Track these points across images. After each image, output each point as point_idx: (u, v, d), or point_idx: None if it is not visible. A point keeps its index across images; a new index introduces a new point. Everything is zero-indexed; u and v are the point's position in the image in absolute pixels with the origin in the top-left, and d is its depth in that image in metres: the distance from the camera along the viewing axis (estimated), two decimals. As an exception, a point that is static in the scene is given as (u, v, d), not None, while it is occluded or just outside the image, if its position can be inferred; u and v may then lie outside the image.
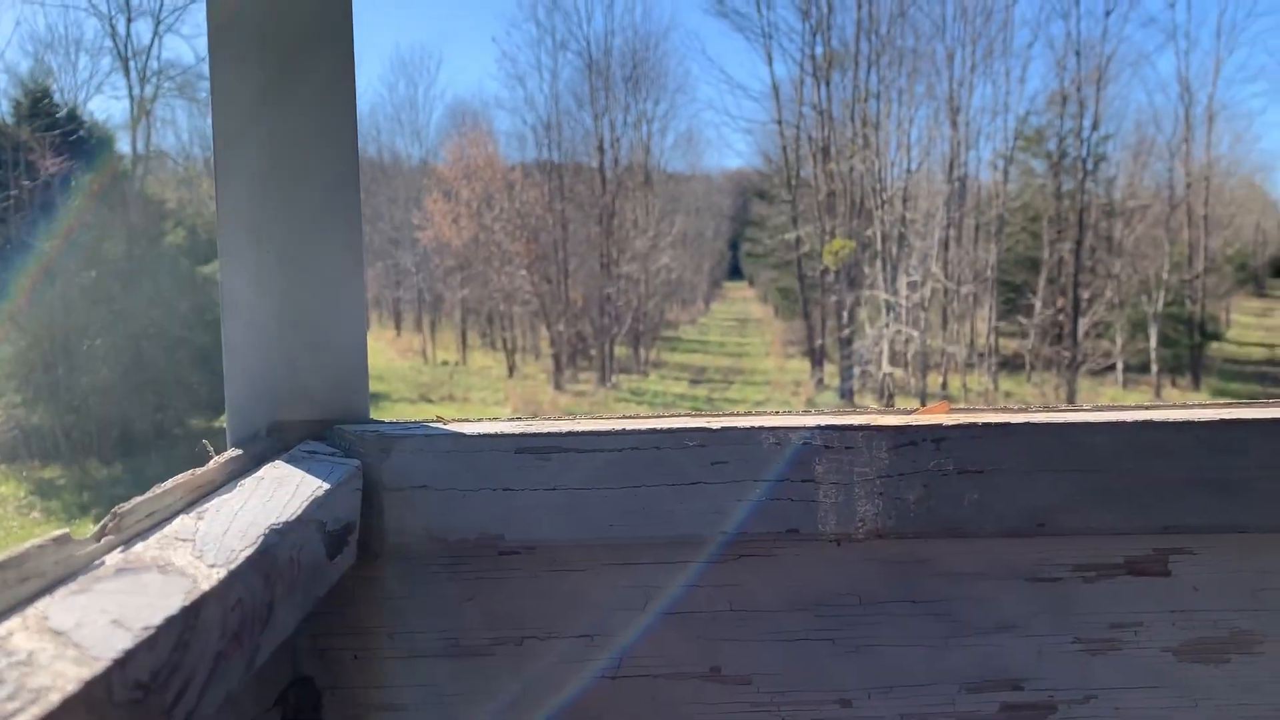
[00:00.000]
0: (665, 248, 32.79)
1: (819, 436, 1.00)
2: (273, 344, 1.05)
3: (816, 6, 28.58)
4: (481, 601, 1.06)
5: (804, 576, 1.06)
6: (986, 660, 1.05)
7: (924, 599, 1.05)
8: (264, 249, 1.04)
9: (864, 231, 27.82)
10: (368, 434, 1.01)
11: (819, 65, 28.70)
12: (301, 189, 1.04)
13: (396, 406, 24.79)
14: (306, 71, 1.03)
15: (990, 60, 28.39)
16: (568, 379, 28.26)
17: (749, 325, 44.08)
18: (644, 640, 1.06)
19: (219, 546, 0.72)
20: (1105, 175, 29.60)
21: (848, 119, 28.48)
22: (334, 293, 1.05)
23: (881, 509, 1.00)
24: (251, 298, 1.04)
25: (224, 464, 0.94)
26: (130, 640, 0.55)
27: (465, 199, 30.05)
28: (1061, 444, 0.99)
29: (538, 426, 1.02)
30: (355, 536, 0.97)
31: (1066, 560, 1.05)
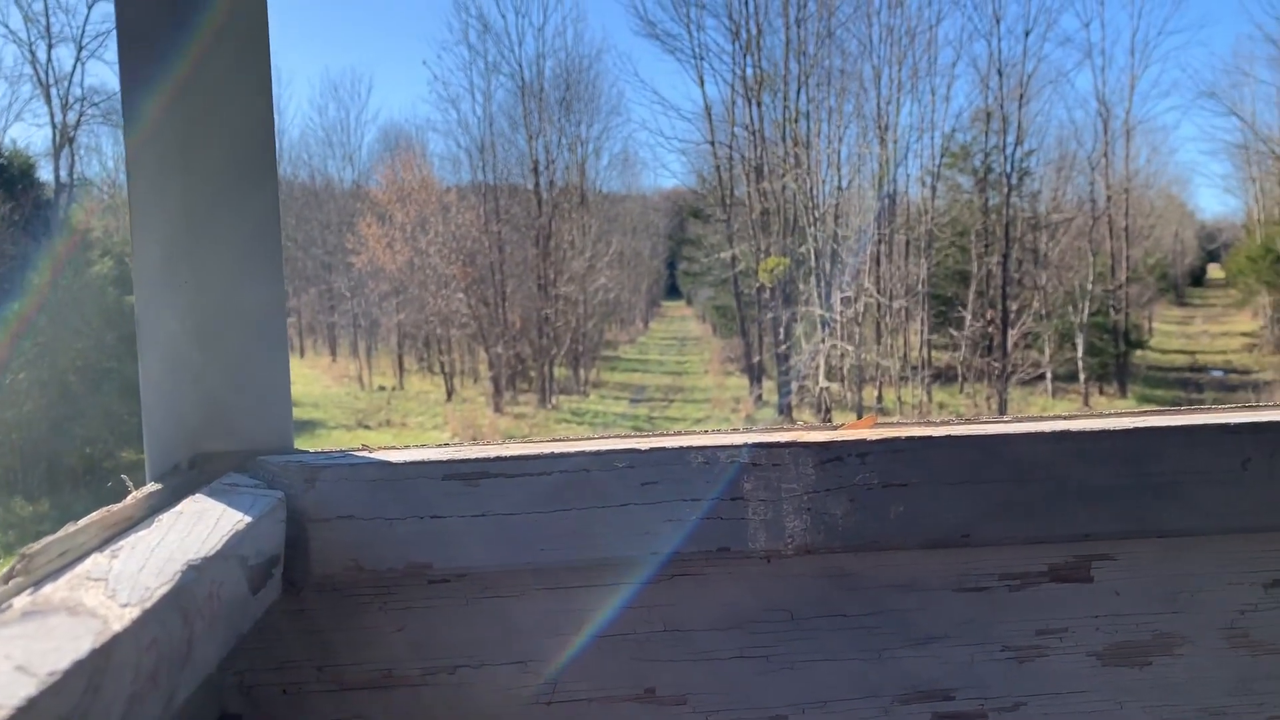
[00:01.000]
0: (602, 268, 32.82)
1: (747, 454, 1.00)
2: (192, 376, 1.03)
3: (746, 29, 28.96)
4: (412, 631, 1.04)
5: (736, 595, 1.06)
6: (918, 672, 1.07)
7: (855, 613, 1.06)
8: (181, 279, 1.02)
9: (798, 249, 28.15)
10: (291, 464, 1.00)
11: (750, 86, 29.05)
12: (220, 218, 1.02)
13: (333, 434, 24.40)
14: (224, 107, 1.02)
15: (916, 79, 29.00)
16: (507, 401, 28.08)
17: (688, 343, 44.25)
18: (578, 664, 1.06)
19: (133, 585, 0.70)
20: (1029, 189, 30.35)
21: (779, 138, 28.85)
22: (254, 323, 1.04)
23: (809, 524, 1.01)
24: (169, 329, 1.02)
25: (142, 499, 0.92)
26: (35, 687, 0.54)
27: (400, 222, 29.81)
28: (983, 455, 1.01)
29: (465, 453, 1.02)
30: (280, 570, 0.95)
31: (992, 569, 1.07)
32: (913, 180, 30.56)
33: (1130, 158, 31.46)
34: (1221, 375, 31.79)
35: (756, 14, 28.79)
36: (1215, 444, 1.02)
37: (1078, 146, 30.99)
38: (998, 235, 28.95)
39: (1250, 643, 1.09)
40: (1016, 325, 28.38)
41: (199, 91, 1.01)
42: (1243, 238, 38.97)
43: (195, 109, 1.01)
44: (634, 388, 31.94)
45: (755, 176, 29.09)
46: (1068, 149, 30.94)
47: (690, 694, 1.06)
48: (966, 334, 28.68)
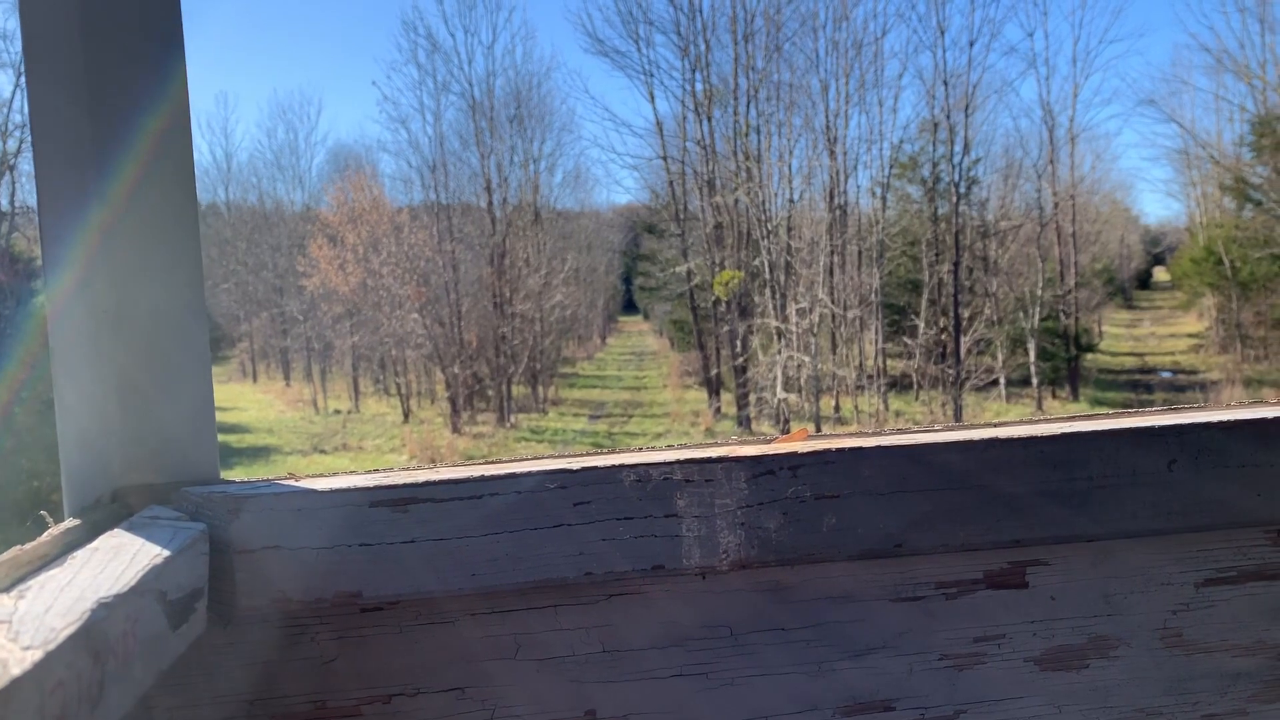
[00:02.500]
0: (558, 285, 32.80)
1: (679, 471, 1.00)
2: (111, 408, 1.00)
3: (694, 45, 29.18)
4: (346, 661, 1.03)
5: (673, 612, 1.05)
6: (859, 682, 1.07)
7: (792, 625, 1.06)
8: (96, 312, 0.99)
9: (752, 261, 28.33)
10: (215, 495, 0.97)
11: (700, 101, 29.25)
12: (134, 247, 1.00)
13: (289, 459, 24.09)
14: (135, 128, 1.00)
15: (864, 91, 29.38)
16: (465, 421, 27.91)
17: (646, 358, 44.33)
18: (517, 688, 1.04)
19: (38, 626, 0.68)
20: (978, 198, 30.85)
21: (730, 152, 29.06)
22: (176, 351, 1.01)
23: (744, 539, 1.00)
24: (85, 360, 0.99)
25: (59, 536, 0.89)
26: None
27: (351, 244, 29.58)
28: (913, 465, 1.01)
29: (393, 479, 1.00)
30: (203, 603, 0.93)
31: (928, 578, 1.07)
32: (863, 191, 31.01)
33: (1075, 165, 32.09)
34: (1170, 376, 32.42)
35: (704, 30, 29.04)
36: (1140, 447, 1.03)
37: (1024, 154, 31.59)
38: (948, 244, 29.36)
39: (1184, 642, 1.10)
40: (969, 332, 28.76)
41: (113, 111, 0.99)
42: (1186, 241, 39.84)
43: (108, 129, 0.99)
44: (593, 404, 31.90)
45: (708, 191, 29.26)
46: (1014, 157, 31.52)
47: (631, 714, 1.05)
48: (920, 342, 29.01)
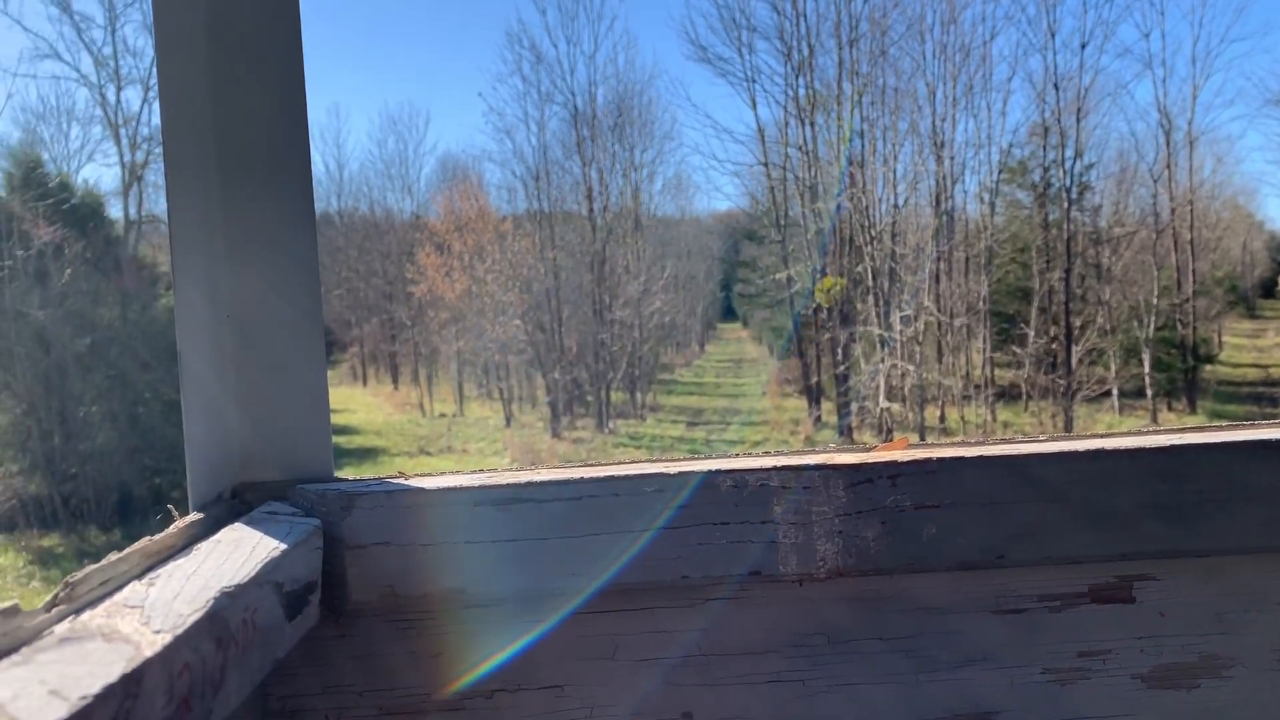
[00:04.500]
0: (657, 291, 32.89)
1: (776, 478, 1.00)
2: (233, 408, 1.06)
3: (798, 50, 28.96)
4: (450, 656, 1.06)
5: (770, 618, 1.06)
6: (957, 694, 1.05)
7: (890, 635, 1.05)
8: (220, 318, 1.05)
9: (855, 268, 27.96)
10: (329, 492, 1.02)
11: (802, 107, 29.01)
12: (257, 255, 1.05)
13: (396, 460, 24.69)
14: (258, 141, 1.05)
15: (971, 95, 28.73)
16: (565, 426, 28.20)
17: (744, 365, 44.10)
18: (614, 688, 1.06)
19: (167, 612, 0.72)
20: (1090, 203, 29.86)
21: (833, 158, 28.75)
22: (293, 355, 1.06)
23: (841, 547, 1.00)
24: (209, 364, 1.05)
25: (184, 528, 0.94)
26: (67, 710, 0.56)
27: (457, 251, 30.20)
28: (1016, 476, 1.00)
29: (497, 479, 1.03)
30: (317, 596, 0.97)
31: (1030, 590, 1.05)
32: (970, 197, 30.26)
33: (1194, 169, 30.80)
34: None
35: (809, 35, 28.80)
36: (1255, 460, 1.00)
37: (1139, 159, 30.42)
38: (1059, 250, 28.48)
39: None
40: (1080, 341, 27.84)
41: (236, 129, 1.04)
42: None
43: (232, 145, 1.04)
44: (691, 411, 31.89)
45: (810, 197, 29.00)
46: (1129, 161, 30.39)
47: (728, 718, 1.06)
48: (1030, 351, 28.20)
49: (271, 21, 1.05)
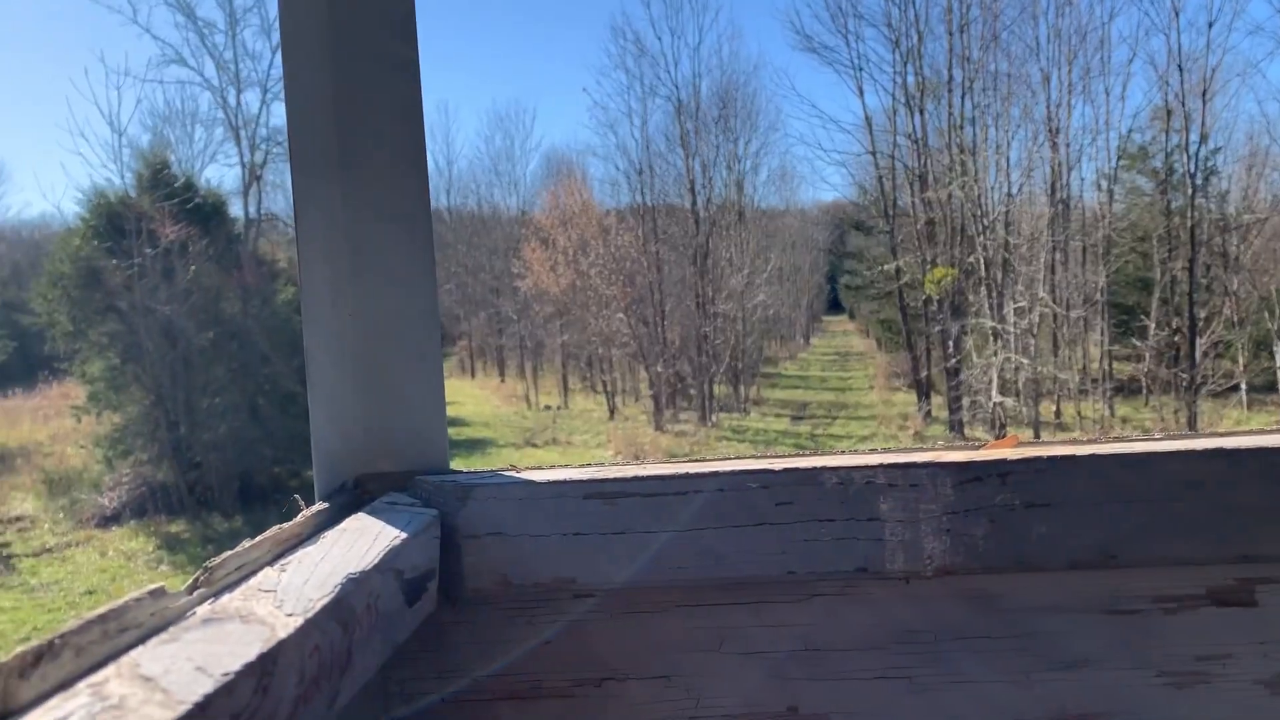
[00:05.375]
0: (761, 284, 32.69)
1: (882, 475, 1.00)
2: (355, 402, 1.10)
3: (906, 37, 28.38)
4: (561, 644, 1.09)
5: (877, 614, 1.06)
6: (1066, 695, 1.04)
7: (999, 634, 1.04)
8: (343, 313, 1.10)
9: (966, 259, 27.29)
10: (446, 484, 1.06)
11: (911, 95, 28.43)
12: (377, 254, 1.10)
13: (503, 452, 25.13)
14: (378, 144, 1.10)
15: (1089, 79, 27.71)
16: (668, 419, 28.27)
17: (851, 359, 43.54)
18: (721, 680, 1.07)
19: (298, 596, 0.77)
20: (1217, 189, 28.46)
21: (943, 146, 28.10)
22: (411, 351, 1.11)
23: (949, 545, 1.00)
24: (333, 360, 1.10)
25: (310, 517, 0.99)
26: (211, 685, 0.60)
27: (562, 246, 30.53)
28: (1130, 474, 0.98)
29: (605, 473, 1.05)
30: (434, 584, 1.01)
31: (1144, 592, 1.03)
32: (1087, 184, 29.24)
33: (1332, 151, 29.07)
34: None
35: (917, 22, 28.19)
36: None
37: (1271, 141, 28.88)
38: (1182, 239, 27.27)
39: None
40: (1206, 334, 26.62)
41: (357, 132, 1.09)
42: None
43: (353, 149, 1.09)
44: (795, 405, 31.63)
45: (919, 186, 28.42)
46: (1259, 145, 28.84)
47: (832, 713, 1.06)
48: (1151, 344, 27.10)
49: (390, 28, 1.09)
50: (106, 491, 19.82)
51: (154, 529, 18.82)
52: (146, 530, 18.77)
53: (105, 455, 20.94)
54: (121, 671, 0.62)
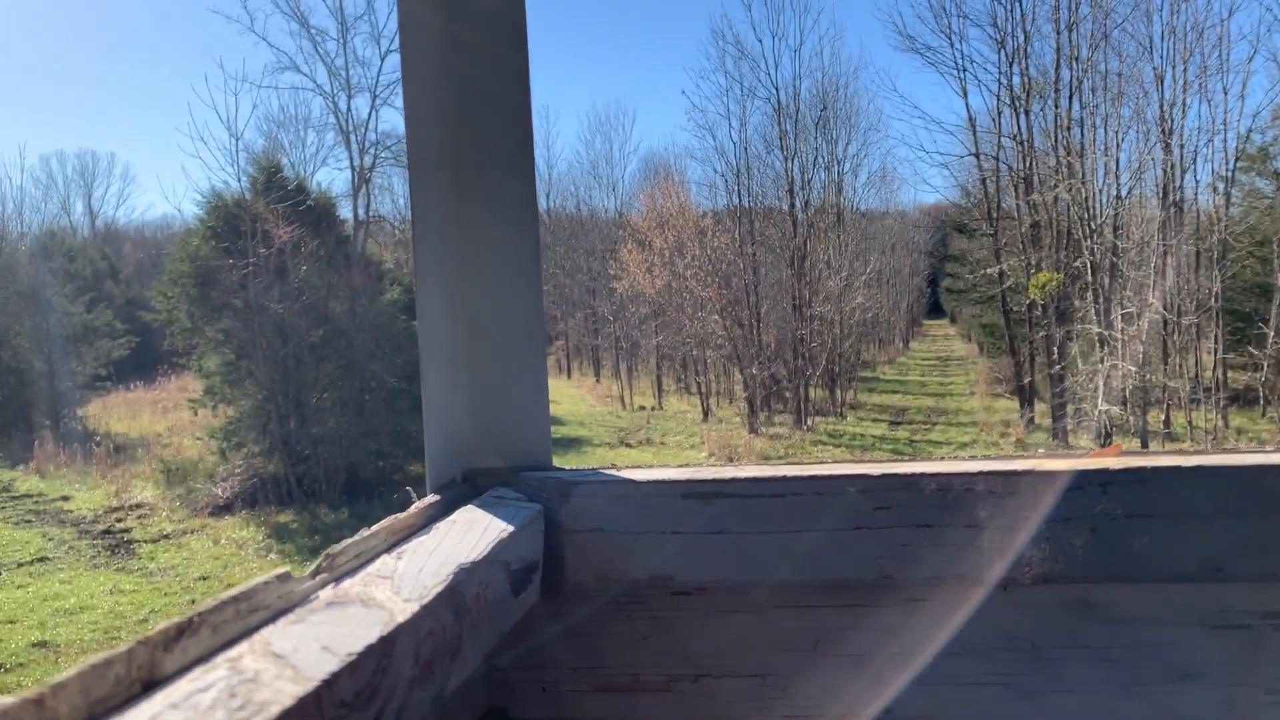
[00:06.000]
0: (860, 287, 32.25)
1: (982, 482, 1.01)
2: (464, 401, 1.15)
3: (1012, 37, 27.68)
4: (658, 639, 1.12)
5: (974, 621, 1.06)
6: (1167, 710, 1.02)
7: (1098, 645, 1.03)
8: (455, 316, 1.15)
9: (1072, 263, 26.47)
10: (549, 480, 1.10)
11: (1016, 95, 27.71)
12: (487, 260, 1.14)
13: (597, 451, 25.32)
14: (489, 153, 1.14)
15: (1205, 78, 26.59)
16: (763, 422, 28.10)
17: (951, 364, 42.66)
18: (815, 681, 1.09)
19: (414, 583, 0.81)
20: (1345, 191, 27.04)
21: (1050, 148, 27.32)
22: (517, 354, 1.15)
23: (1048, 554, 0.99)
24: (445, 361, 1.15)
25: (423, 509, 1.04)
26: (337, 664, 0.64)
27: (658, 248, 30.61)
28: (1238, 487, 0.96)
29: (702, 474, 1.08)
30: (539, 575, 1.05)
31: (1253, 606, 1.01)
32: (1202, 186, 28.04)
33: None
34: None
35: (1024, 21, 27.48)
36: None
37: (1407, 139, 27.30)
38: (1306, 243, 25.97)
39: None
40: (1332, 342, 25.31)
41: (470, 142, 1.14)
42: None
43: (467, 162, 1.14)
44: (893, 409, 31.12)
45: (1024, 188, 27.69)
46: (1394, 143, 27.31)
47: (927, 718, 1.07)
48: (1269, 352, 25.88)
49: (502, 40, 1.14)
50: (220, 482, 20.61)
51: (264, 519, 19.50)
52: (257, 520, 19.45)
53: (220, 447, 21.79)
54: (254, 648, 0.67)
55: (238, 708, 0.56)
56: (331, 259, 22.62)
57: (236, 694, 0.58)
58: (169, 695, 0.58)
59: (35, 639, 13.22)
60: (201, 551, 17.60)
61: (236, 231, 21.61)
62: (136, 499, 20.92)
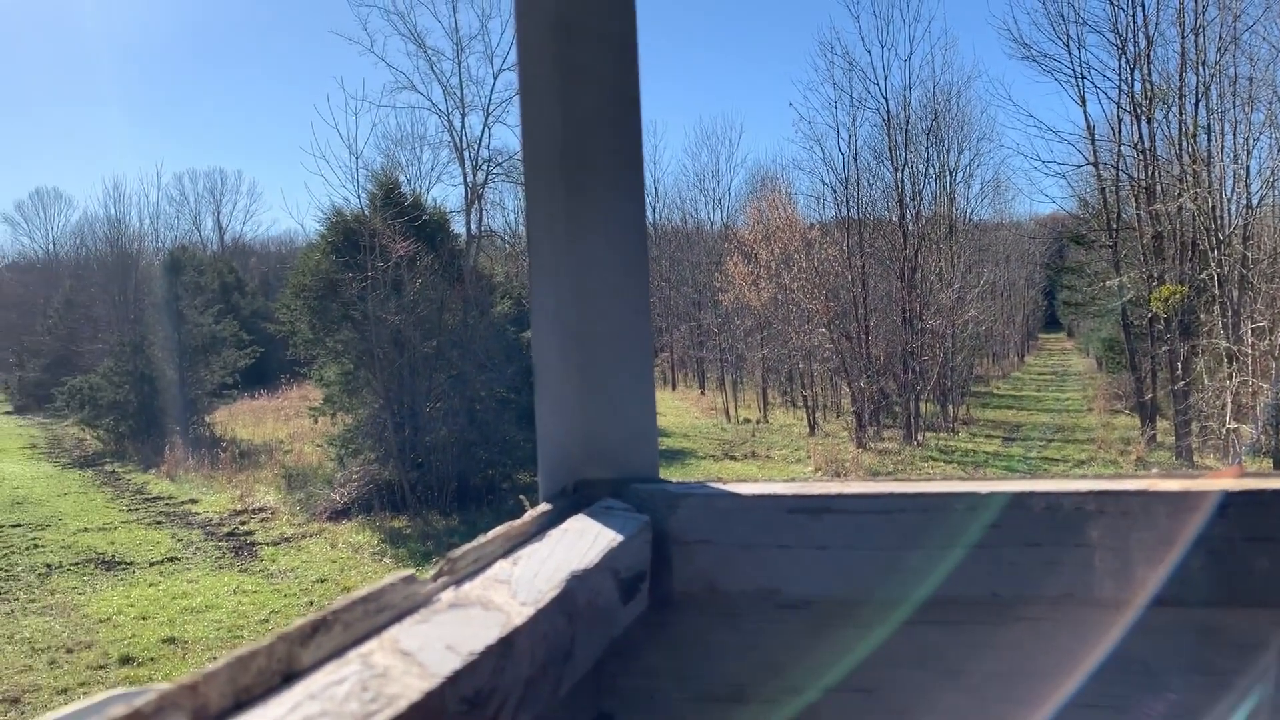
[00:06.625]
0: (972, 300, 31.52)
1: (1093, 502, 1.00)
2: (576, 414, 1.19)
3: (1133, 42, 26.74)
4: (765, 651, 1.13)
5: (1084, 642, 1.05)
6: None
7: (1216, 672, 1.01)
8: (566, 332, 1.19)
9: (1198, 275, 25.35)
10: (657, 492, 1.13)
11: (1138, 102, 26.72)
12: (598, 276, 1.18)
13: (702, 464, 25.29)
14: (601, 173, 1.18)
15: (1347, 79, 25.18)
16: (871, 436, 27.65)
17: (1068, 379, 41.31)
18: (922, 697, 1.09)
19: (529, 588, 0.85)
20: None
21: (1173, 156, 26.25)
22: (625, 367, 1.18)
23: (1162, 576, 0.98)
24: (557, 375, 1.19)
25: (536, 517, 1.09)
26: (460, 662, 0.68)
27: (764, 260, 30.48)
28: None
29: (809, 488, 1.09)
30: (647, 585, 1.08)
31: None
32: (1345, 194, 26.52)
33: None
34: None
35: (1146, 26, 26.50)
36: None
37: None
38: None
39: None
40: None
41: (584, 165, 1.18)
42: None
43: (580, 183, 1.18)
44: (1007, 425, 30.27)
45: (1146, 198, 26.66)
46: None
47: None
48: None
49: (614, 62, 1.18)
50: (338, 487, 21.29)
51: (378, 523, 20.05)
52: (372, 525, 20.02)
53: (338, 454, 22.53)
54: (383, 645, 0.71)
55: (370, 699, 0.61)
56: (445, 272, 23.19)
57: (368, 687, 0.62)
58: (308, 686, 0.63)
59: (165, 635, 13.87)
60: (319, 555, 18.20)
61: (355, 246, 22.35)
62: (259, 503, 21.77)
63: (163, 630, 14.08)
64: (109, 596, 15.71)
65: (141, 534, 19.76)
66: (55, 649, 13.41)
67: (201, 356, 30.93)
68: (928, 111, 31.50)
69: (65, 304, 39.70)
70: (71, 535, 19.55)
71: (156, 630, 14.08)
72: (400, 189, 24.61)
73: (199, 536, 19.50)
